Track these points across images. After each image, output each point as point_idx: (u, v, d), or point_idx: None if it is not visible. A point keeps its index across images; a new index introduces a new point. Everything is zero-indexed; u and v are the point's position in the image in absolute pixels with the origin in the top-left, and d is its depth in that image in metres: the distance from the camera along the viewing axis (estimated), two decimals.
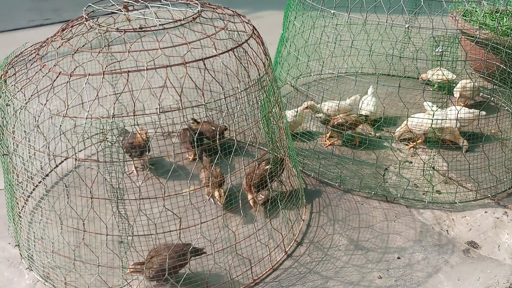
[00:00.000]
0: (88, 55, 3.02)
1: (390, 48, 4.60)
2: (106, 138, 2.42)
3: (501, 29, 5.00)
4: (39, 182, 3.71)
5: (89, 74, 2.53)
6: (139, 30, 2.73)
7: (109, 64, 3.62)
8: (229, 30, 2.94)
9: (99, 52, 2.63)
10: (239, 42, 2.97)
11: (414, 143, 4.40)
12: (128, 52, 2.61)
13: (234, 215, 3.52)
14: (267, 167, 3.38)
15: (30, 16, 8.09)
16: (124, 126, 3.76)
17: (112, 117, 2.44)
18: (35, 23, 7.86)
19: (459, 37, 3.37)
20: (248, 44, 2.94)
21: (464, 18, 5.38)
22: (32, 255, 3.20)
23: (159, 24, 2.75)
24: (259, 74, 2.91)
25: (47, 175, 3.86)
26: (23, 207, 3.49)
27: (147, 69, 2.49)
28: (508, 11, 5.08)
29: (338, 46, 4.43)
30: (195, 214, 2.94)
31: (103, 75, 2.51)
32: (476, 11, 5.48)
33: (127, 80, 2.44)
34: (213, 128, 3.97)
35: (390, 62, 3.91)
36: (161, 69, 2.52)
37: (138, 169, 3.92)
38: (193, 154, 4.13)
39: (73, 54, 2.68)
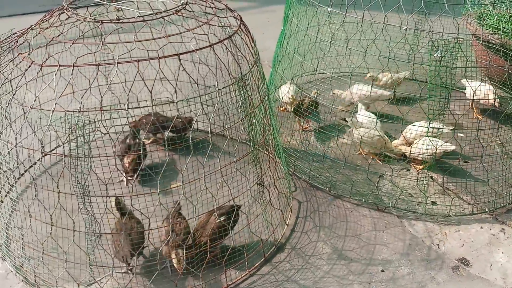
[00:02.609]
0: (81, 46, 2.95)
1: (394, 50, 4.40)
2: (72, 132, 2.33)
3: None
4: (18, 178, 3.63)
5: (59, 66, 2.45)
6: (116, 21, 2.64)
7: (95, 51, 3.49)
8: (212, 25, 2.82)
9: (72, 43, 2.55)
10: (225, 37, 2.85)
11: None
12: (102, 43, 2.52)
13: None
14: (221, 219, 2.97)
15: (41, 1, 8.11)
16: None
17: (79, 112, 2.35)
18: (46, 8, 7.86)
19: (460, 41, 3.17)
20: (231, 41, 2.82)
21: (478, 21, 5.13)
22: (9, 244, 3.16)
23: (138, 16, 2.64)
24: (241, 72, 2.79)
25: (26, 171, 3.75)
26: (2, 200, 3.45)
27: (117, 63, 2.40)
28: None
29: (341, 45, 4.26)
30: (166, 214, 2.84)
31: (73, 67, 2.42)
32: (492, 14, 5.21)
33: (95, 71, 2.35)
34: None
35: (386, 63, 3.72)
36: (160, 60, 2.41)
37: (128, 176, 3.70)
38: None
39: (47, 45, 2.61)
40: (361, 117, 4.24)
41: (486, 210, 3.72)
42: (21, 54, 2.68)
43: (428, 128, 3.43)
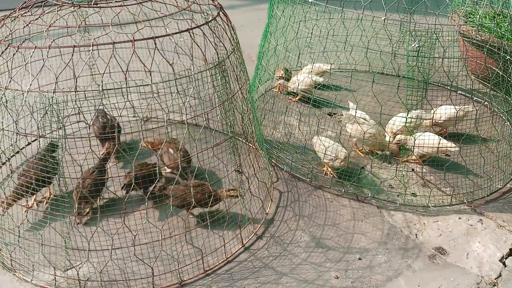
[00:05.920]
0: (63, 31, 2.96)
1: (374, 45, 4.43)
2: (47, 112, 2.36)
3: (500, 31, 4.79)
4: (5, 161, 3.65)
5: (35, 47, 2.48)
6: (94, 5, 2.66)
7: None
8: (190, 11, 2.85)
9: (49, 26, 2.57)
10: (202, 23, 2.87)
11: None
12: (78, 27, 2.54)
13: None
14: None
15: None
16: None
17: (54, 92, 2.38)
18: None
19: (438, 33, 3.21)
20: (209, 26, 2.85)
21: (464, 19, 5.19)
22: None
23: (115, 1, 2.67)
24: (218, 58, 2.81)
25: (17, 153, 3.79)
26: None
27: (92, 45, 2.43)
28: (507, 14, 4.86)
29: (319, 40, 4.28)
30: (142, 198, 2.86)
31: (49, 48, 2.45)
32: (477, 11, 5.27)
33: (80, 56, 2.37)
34: None
35: (365, 56, 3.76)
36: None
37: None
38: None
39: (24, 27, 2.63)
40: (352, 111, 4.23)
41: (465, 201, 3.76)
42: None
43: (406, 119, 3.46)
